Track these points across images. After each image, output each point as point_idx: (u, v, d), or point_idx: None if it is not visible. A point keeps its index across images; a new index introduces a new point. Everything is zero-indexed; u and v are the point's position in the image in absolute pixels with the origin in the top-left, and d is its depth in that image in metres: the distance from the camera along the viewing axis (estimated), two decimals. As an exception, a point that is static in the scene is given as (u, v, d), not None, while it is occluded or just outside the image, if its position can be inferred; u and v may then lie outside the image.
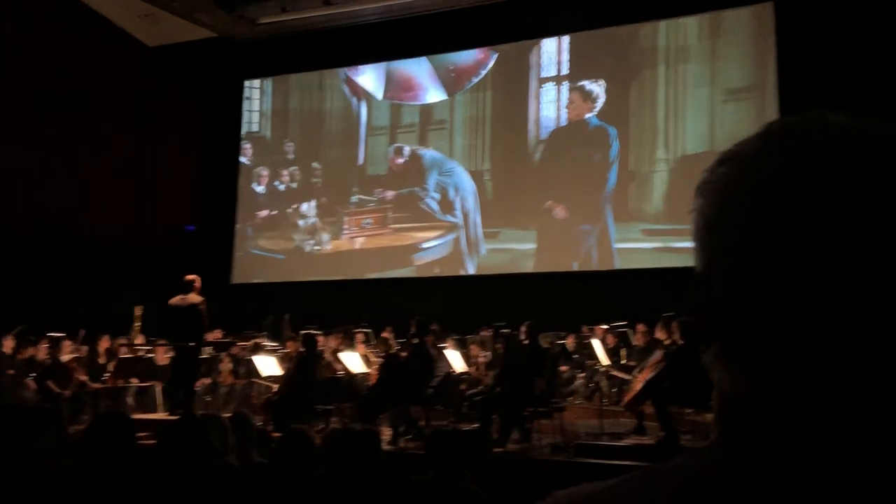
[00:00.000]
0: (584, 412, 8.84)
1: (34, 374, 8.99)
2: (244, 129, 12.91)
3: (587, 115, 9.78)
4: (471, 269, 10.44)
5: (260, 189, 11.53)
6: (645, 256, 9.39)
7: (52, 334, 9.77)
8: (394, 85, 10.62)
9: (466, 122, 10.78)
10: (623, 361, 9.36)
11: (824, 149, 0.51)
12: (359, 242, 10.39)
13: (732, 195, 0.53)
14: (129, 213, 14.38)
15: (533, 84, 10.18)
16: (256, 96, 12.23)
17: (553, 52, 10.05)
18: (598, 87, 9.75)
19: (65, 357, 9.41)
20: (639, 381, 7.04)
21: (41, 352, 9.43)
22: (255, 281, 14.06)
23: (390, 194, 11.17)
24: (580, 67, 9.95)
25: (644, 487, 0.53)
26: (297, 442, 3.64)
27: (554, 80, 10.02)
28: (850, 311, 0.48)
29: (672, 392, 6.54)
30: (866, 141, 0.51)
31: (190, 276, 8.56)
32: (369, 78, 10.78)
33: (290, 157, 11.44)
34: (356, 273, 11.69)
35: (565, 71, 9.98)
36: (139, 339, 10.59)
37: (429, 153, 11.00)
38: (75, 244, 12.81)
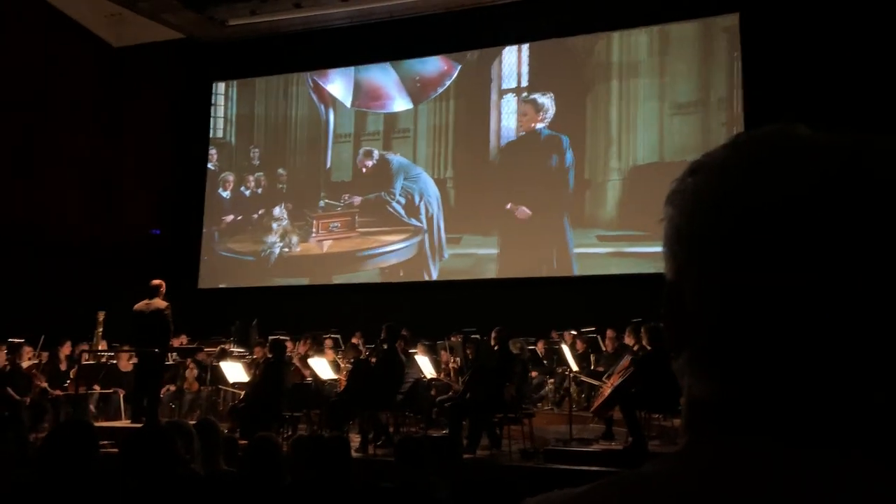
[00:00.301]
0: (553, 418, 8.87)
1: (-8, 381, 8.75)
2: (215, 134, 13.21)
3: (538, 126, 10.25)
4: (434, 273, 10.76)
5: (226, 194, 11.73)
6: (600, 260, 9.84)
7: (12, 340, 9.52)
8: (362, 94, 10.93)
9: (430, 130, 11.11)
10: (592, 367, 9.42)
11: (789, 160, 0.52)
12: (327, 245, 10.67)
13: (701, 204, 0.54)
14: (93, 216, 14.12)
15: (494, 95, 10.60)
16: (221, 102, 12.41)
17: (513, 64, 10.51)
18: (547, 100, 10.21)
19: (25, 363, 9.18)
20: (607, 387, 7.09)
21: (0, 358, 9.19)
22: (223, 286, 13.89)
23: (357, 199, 11.39)
24: (539, 80, 10.40)
25: (614, 494, 0.53)
26: (264, 449, 3.59)
27: (514, 92, 10.48)
28: (814, 319, 0.49)
29: (640, 397, 6.60)
30: (829, 153, 0.52)
31: (155, 281, 8.41)
32: (338, 86, 11.06)
33: (256, 162, 11.64)
34: (323, 276, 11.74)
35: (525, 83, 10.45)
36: (102, 345, 10.37)
37: (396, 158, 11.26)
38: (36, 246, 12.54)
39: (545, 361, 9.93)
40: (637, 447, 6.36)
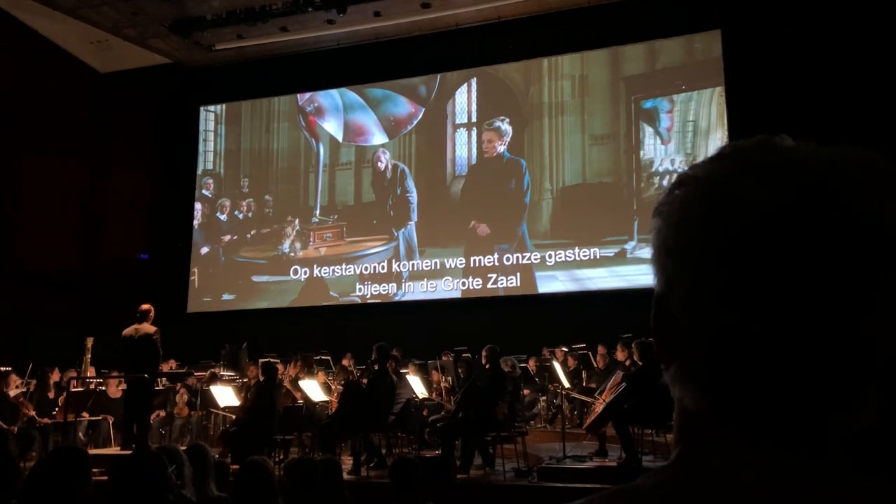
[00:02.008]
0: (546, 435, 8.85)
1: (-21, 411, 8.63)
2: (202, 167, 14.20)
3: (500, 149, 12.07)
4: (405, 274, 12.33)
5: (223, 217, 13.35)
6: (532, 266, 11.58)
7: (-1, 368, 9.42)
8: (350, 131, 12.84)
9: (395, 160, 13.03)
10: (584, 384, 9.41)
11: (775, 173, 0.52)
12: (322, 251, 12.58)
13: (690, 217, 0.54)
14: (79, 241, 14.05)
15: (449, 130, 12.49)
16: (211, 139, 13.91)
17: (464, 103, 12.51)
18: (506, 125, 12.14)
19: (12, 392, 9.07)
20: (600, 404, 7.08)
21: (-13, 387, 9.07)
22: (212, 310, 13.86)
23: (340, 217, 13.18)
24: (485, 116, 12.44)
25: None
26: (256, 473, 3.56)
27: (465, 127, 12.49)
28: (800, 330, 0.50)
29: (633, 413, 6.59)
30: (812, 165, 0.53)
31: (144, 306, 8.35)
32: (331, 124, 12.93)
33: (245, 190, 13.38)
34: (317, 274, 12.89)
35: (474, 119, 12.50)
36: (90, 372, 10.26)
37: (407, 169, 12.80)
38: (22, 273, 12.44)
39: (537, 379, 9.92)
40: (630, 463, 6.33)
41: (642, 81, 11.09)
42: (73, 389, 8.95)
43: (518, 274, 11.69)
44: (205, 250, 13.32)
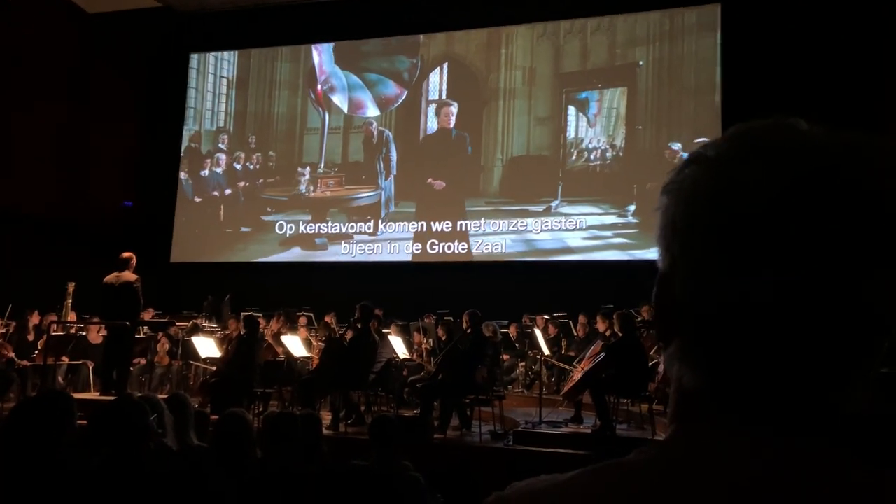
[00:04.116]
0: (523, 400, 8.97)
1: (-43, 350, 8.61)
2: (216, 125, 15.49)
3: (451, 125, 14.45)
4: (381, 217, 14.18)
5: (238, 167, 15.32)
6: (482, 215, 13.69)
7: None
8: (353, 105, 15.11)
9: (381, 127, 15.14)
10: (563, 352, 9.52)
11: (787, 156, 0.52)
12: (327, 193, 14.87)
13: (698, 196, 0.54)
14: (62, 185, 13.87)
15: (423, 105, 14.67)
16: (223, 101, 15.66)
17: (437, 83, 14.74)
18: (454, 108, 14.46)
19: (-9, 332, 9.04)
20: (578, 372, 7.17)
21: (-34, 327, 9.03)
22: (196, 260, 13.86)
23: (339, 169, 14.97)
24: (452, 95, 14.57)
25: (600, 480, 0.54)
26: (235, 425, 3.59)
27: (436, 103, 14.72)
28: (801, 313, 0.50)
29: (610, 383, 6.68)
30: (823, 151, 0.52)
31: (125, 254, 8.29)
32: (339, 98, 15.16)
33: (253, 146, 15.38)
34: (322, 211, 14.39)
35: (444, 96, 14.66)
36: (71, 317, 10.22)
37: (389, 133, 14.68)
38: (4, 215, 12.29)
39: (517, 345, 10.02)
40: (605, 431, 6.45)
41: (574, 77, 13.72)
42: (54, 333, 8.92)
43: (467, 223, 13.68)
44: (228, 192, 15.26)
